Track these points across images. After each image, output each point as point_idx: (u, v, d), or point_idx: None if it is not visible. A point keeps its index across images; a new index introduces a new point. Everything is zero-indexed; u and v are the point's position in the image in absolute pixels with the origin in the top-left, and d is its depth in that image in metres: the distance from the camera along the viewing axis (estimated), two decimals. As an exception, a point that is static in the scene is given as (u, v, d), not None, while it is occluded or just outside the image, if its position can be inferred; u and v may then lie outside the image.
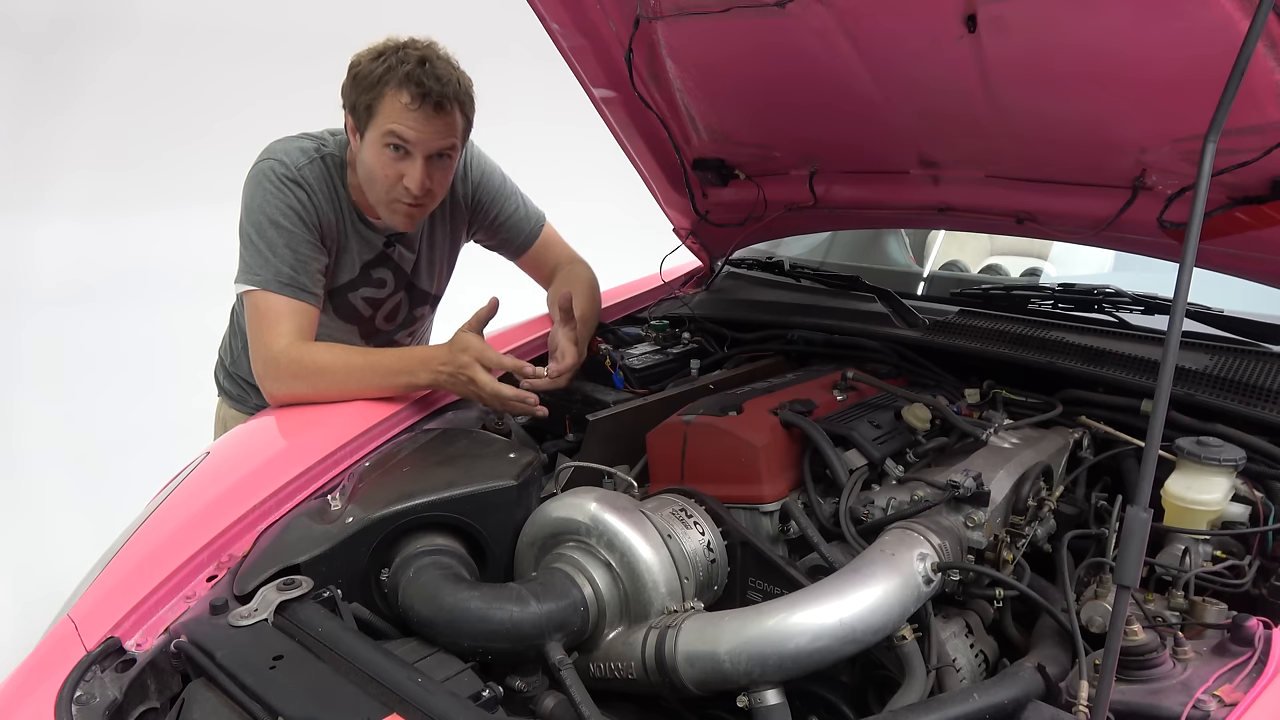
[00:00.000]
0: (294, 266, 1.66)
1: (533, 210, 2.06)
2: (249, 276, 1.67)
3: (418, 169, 1.63)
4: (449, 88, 1.61)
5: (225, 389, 2.11)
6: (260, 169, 1.69)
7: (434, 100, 1.59)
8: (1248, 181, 1.38)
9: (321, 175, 1.72)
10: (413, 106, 1.58)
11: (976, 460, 1.33)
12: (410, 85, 1.58)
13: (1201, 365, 1.49)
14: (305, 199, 1.68)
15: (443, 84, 1.60)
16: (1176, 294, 0.85)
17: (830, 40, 1.52)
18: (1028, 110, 1.50)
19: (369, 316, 1.92)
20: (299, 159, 1.70)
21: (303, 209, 1.68)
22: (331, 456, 1.45)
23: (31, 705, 1.01)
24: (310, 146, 1.74)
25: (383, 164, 1.64)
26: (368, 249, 1.83)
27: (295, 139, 1.75)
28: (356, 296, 1.87)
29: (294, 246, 1.66)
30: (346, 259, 1.81)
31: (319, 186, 1.71)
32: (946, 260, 2.47)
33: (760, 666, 1.03)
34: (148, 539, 1.31)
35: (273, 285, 1.65)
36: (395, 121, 1.60)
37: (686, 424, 1.41)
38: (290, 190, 1.67)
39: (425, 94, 1.58)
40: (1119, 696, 0.94)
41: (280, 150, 1.71)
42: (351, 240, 1.80)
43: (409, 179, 1.64)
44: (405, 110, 1.59)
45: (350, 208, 1.78)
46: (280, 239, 1.65)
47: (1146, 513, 0.83)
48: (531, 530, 1.31)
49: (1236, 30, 1.11)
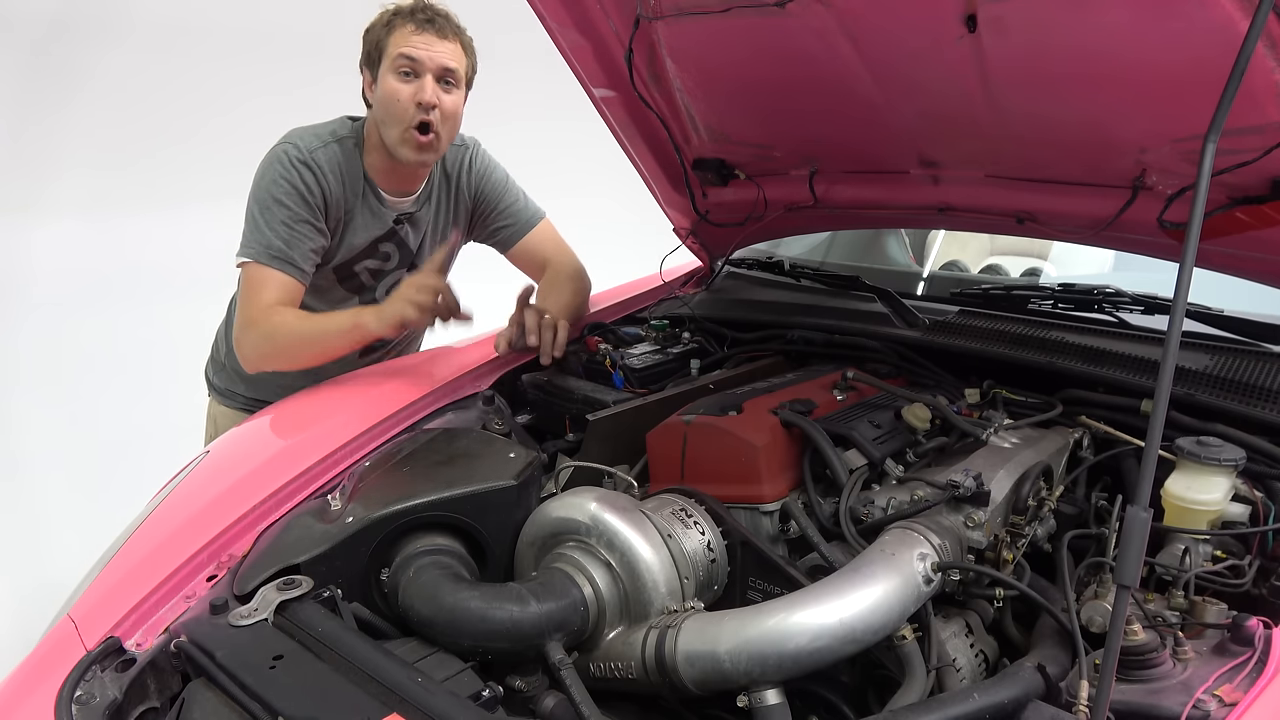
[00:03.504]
0: (286, 241, 1.76)
1: (532, 206, 2.13)
2: (245, 249, 1.77)
3: (427, 85, 1.78)
4: (450, 21, 1.81)
5: (214, 385, 2.16)
6: (274, 152, 1.80)
7: (436, 25, 1.78)
8: (1248, 181, 1.38)
9: (334, 156, 1.82)
10: (417, 31, 1.77)
11: (976, 460, 1.33)
12: (415, 15, 1.78)
13: (1201, 365, 1.49)
14: (312, 180, 1.78)
15: (442, 17, 1.80)
16: (1176, 294, 0.85)
17: (830, 40, 1.52)
18: (1028, 110, 1.50)
19: (371, 286, 2.01)
20: (313, 143, 1.81)
21: (308, 190, 1.77)
22: (331, 456, 1.45)
23: (31, 705, 1.01)
24: (325, 132, 1.85)
25: (395, 90, 1.78)
26: (378, 225, 1.93)
27: (312, 127, 1.86)
28: (362, 266, 1.97)
29: (290, 224, 1.76)
30: (354, 231, 1.90)
31: (330, 168, 1.81)
32: (946, 260, 2.47)
33: (760, 666, 1.03)
34: (148, 539, 1.31)
35: (263, 257, 1.75)
36: (402, 45, 1.77)
37: (686, 424, 1.41)
38: (298, 171, 1.77)
39: (428, 20, 1.78)
40: (1119, 696, 0.94)
41: (296, 136, 1.82)
42: (361, 215, 1.89)
43: (420, 94, 1.77)
44: (411, 35, 1.77)
45: (366, 185, 1.88)
46: (279, 216, 1.75)
47: (1146, 513, 0.83)
48: (531, 530, 1.31)
49: (1236, 30, 1.11)
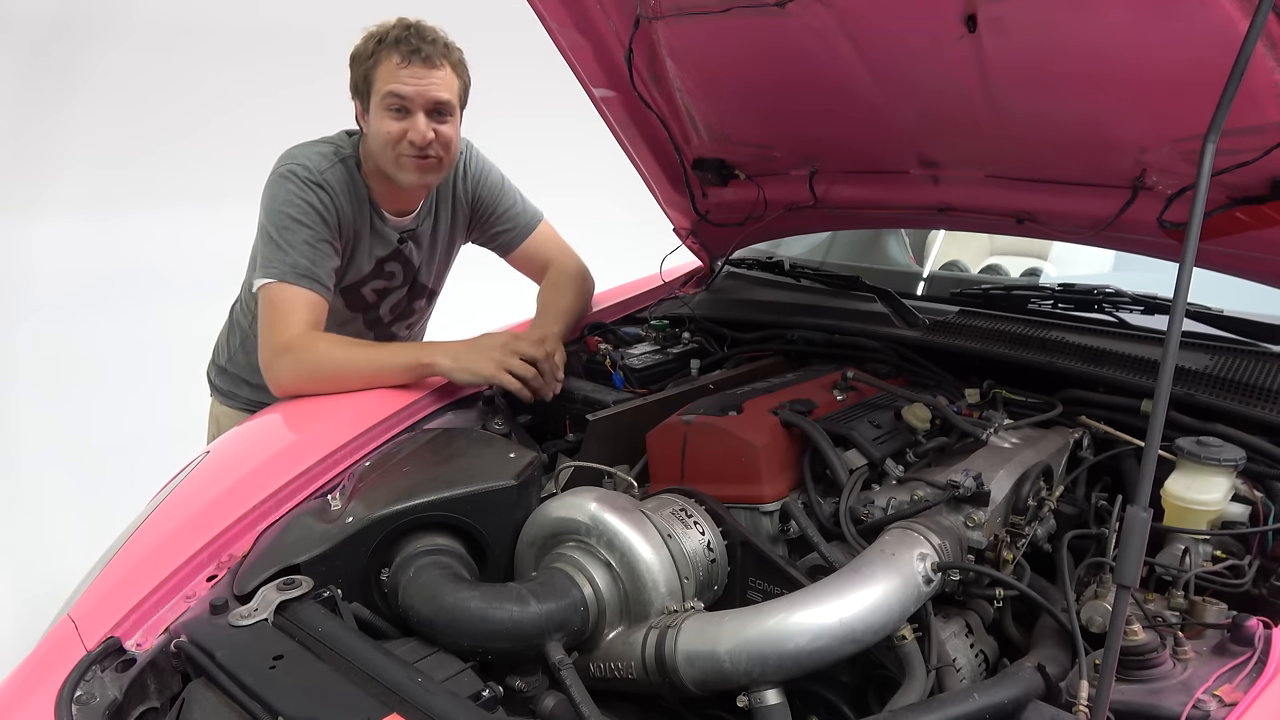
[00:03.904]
0: (311, 260, 1.72)
1: (530, 208, 2.10)
2: (266, 270, 1.72)
3: (420, 123, 1.72)
4: (437, 46, 1.72)
5: (217, 385, 2.14)
6: (282, 172, 1.76)
7: (423, 56, 1.69)
8: (1248, 181, 1.38)
9: (342, 177, 1.80)
10: (404, 65, 1.69)
11: (976, 460, 1.33)
12: (399, 47, 1.69)
13: (1201, 365, 1.49)
14: (328, 200, 1.75)
15: (430, 43, 1.71)
16: (1176, 294, 0.85)
17: (830, 40, 1.52)
18: (1028, 110, 1.50)
19: (374, 304, 1.98)
20: (320, 163, 1.77)
21: (324, 209, 1.75)
22: (331, 456, 1.45)
23: (31, 705, 1.01)
24: (329, 150, 1.81)
25: (387, 127, 1.72)
26: (383, 245, 1.90)
27: (314, 144, 1.82)
28: (368, 288, 1.94)
29: (312, 243, 1.73)
30: (362, 253, 1.87)
31: (340, 188, 1.78)
32: (946, 260, 2.47)
33: (760, 666, 1.03)
34: (148, 539, 1.31)
35: (289, 276, 1.71)
36: (390, 81, 1.70)
37: (686, 424, 1.41)
38: (313, 191, 1.74)
39: (414, 51, 1.69)
40: (1119, 696, 0.94)
41: (301, 155, 1.78)
42: (367, 236, 1.86)
43: (411, 134, 1.72)
44: (398, 69, 1.69)
45: (370, 205, 1.84)
46: (299, 235, 1.72)
47: (1146, 513, 0.83)
48: (531, 530, 1.31)
49: (1236, 30, 1.11)
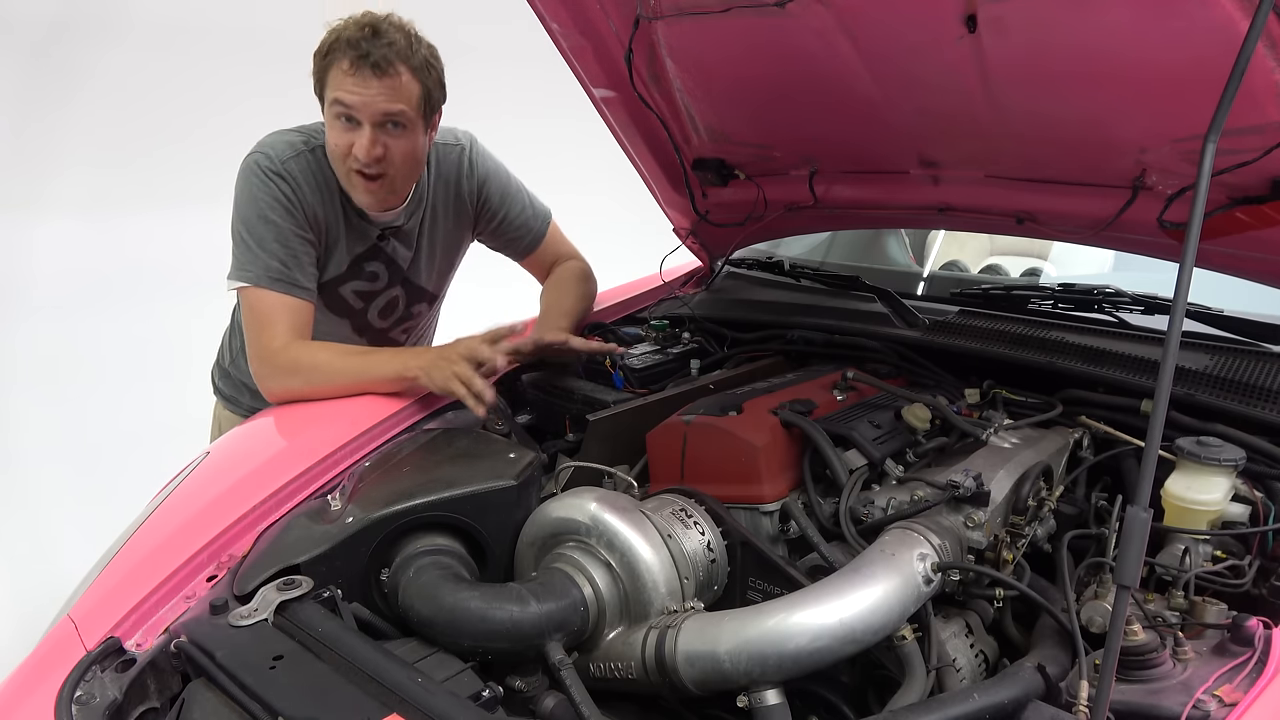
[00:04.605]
0: (284, 261, 1.65)
1: (539, 209, 2.03)
2: (240, 273, 1.66)
3: (365, 137, 1.59)
4: (391, 50, 1.55)
5: (220, 390, 2.09)
6: (246, 164, 1.68)
7: (372, 62, 1.54)
8: (1248, 181, 1.38)
9: (308, 168, 1.69)
10: (351, 71, 1.55)
11: (976, 460, 1.33)
12: (349, 50, 1.55)
13: (1201, 365, 1.49)
14: (290, 191, 1.66)
15: (383, 46, 1.55)
16: (1176, 294, 0.85)
17: (830, 40, 1.52)
18: (1028, 110, 1.50)
19: (360, 309, 1.90)
20: (284, 152, 1.68)
21: (289, 201, 1.66)
22: (331, 456, 1.45)
23: (31, 705, 1.01)
24: (298, 140, 1.71)
25: (335, 138, 1.62)
26: (359, 241, 1.81)
27: (284, 132, 1.73)
28: (347, 290, 1.85)
29: (284, 240, 1.65)
30: (337, 250, 1.78)
31: (304, 179, 1.68)
32: (946, 260, 2.47)
33: (760, 666, 1.03)
34: (148, 539, 1.31)
35: (264, 281, 1.64)
36: (337, 89, 1.57)
37: (686, 424, 1.41)
38: (274, 183, 1.65)
39: (362, 56, 1.54)
40: (1119, 696, 0.94)
41: (267, 144, 1.70)
42: (342, 231, 1.77)
43: (357, 147, 1.60)
44: (345, 76, 1.56)
45: (342, 198, 1.75)
46: (269, 233, 1.64)
47: (1146, 513, 0.83)
48: (531, 530, 1.31)
49: (1236, 30, 1.11)
